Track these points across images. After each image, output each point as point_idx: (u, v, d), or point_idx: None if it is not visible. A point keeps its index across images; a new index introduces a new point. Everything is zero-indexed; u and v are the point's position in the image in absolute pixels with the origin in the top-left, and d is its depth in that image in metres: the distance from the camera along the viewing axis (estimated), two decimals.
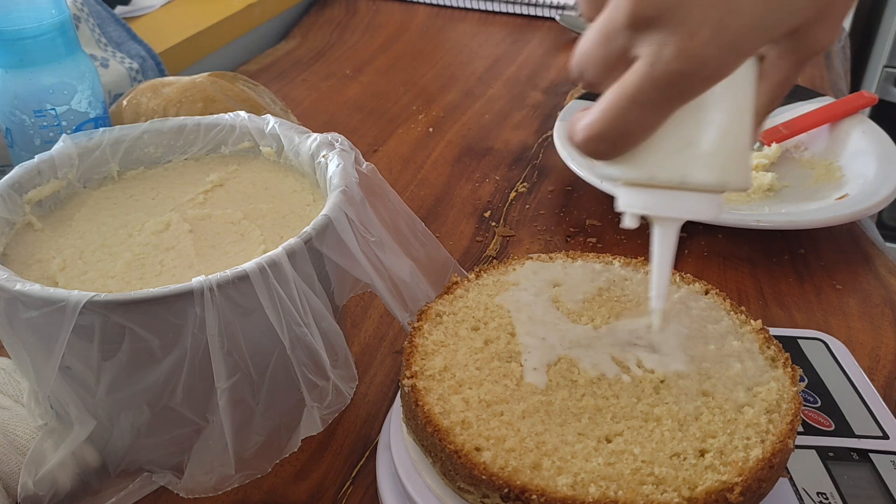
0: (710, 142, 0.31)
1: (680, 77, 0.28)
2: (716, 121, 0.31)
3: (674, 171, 0.32)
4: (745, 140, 0.32)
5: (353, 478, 0.45)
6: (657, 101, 0.29)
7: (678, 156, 0.31)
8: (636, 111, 0.30)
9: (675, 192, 0.32)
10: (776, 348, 0.40)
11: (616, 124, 0.31)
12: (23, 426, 0.42)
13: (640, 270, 0.46)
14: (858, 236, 0.67)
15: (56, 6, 0.57)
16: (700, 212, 0.33)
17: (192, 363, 0.38)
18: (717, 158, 0.32)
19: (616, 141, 0.31)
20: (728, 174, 0.32)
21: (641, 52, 0.29)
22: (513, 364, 0.39)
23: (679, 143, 0.31)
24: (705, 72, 0.29)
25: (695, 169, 0.32)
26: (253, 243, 0.45)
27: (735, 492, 0.32)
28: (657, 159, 0.32)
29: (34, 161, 0.48)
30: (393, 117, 0.89)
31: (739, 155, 0.32)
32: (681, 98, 0.30)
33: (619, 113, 0.30)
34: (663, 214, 0.34)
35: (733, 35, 0.28)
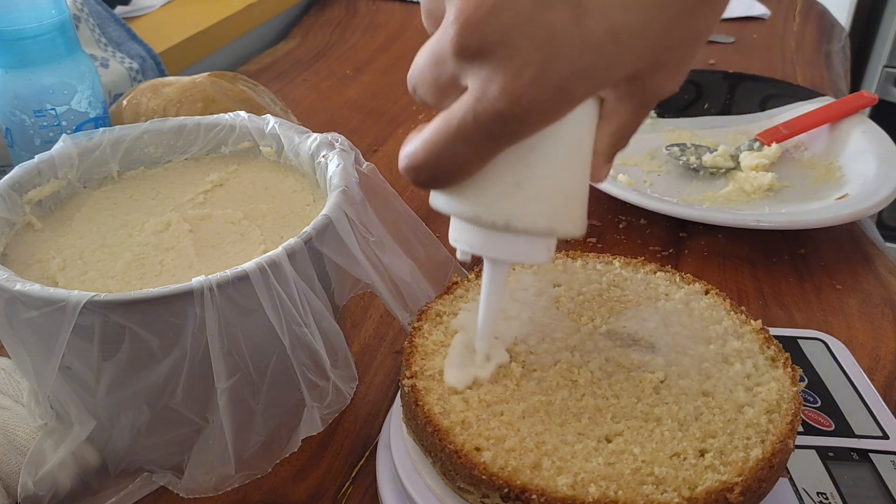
0: (540, 185, 0.30)
1: (504, 117, 0.27)
2: (546, 164, 0.29)
3: (499, 213, 0.30)
4: (577, 184, 0.31)
5: (353, 478, 0.45)
6: (481, 139, 0.28)
7: (505, 197, 0.30)
8: (460, 147, 0.28)
9: (501, 234, 0.31)
10: (776, 348, 0.40)
11: (438, 157, 0.29)
12: (23, 426, 0.42)
13: (640, 270, 0.46)
14: (858, 236, 0.67)
15: (56, 6, 0.57)
16: (528, 256, 0.32)
17: (192, 363, 0.38)
18: (546, 203, 0.30)
19: (437, 175, 0.30)
20: (557, 220, 0.30)
21: (469, 83, 0.28)
22: (513, 364, 0.39)
23: (506, 185, 0.30)
24: (530, 115, 0.27)
25: (522, 213, 0.30)
26: (253, 243, 0.45)
27: (735, 492, 0.32)
28: (483, 199, 0.30)
29: (34, 161, 0.48)
30: (393, 117, 0.89)
31: (571, 199, 0.31)
32: (507, 138, 0.28)
33: (442, 146, 0.29)
34: (488, 255, 0.32)
35: (558, 80, 0.27)
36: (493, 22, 0.26)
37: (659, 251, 0.64)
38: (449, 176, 0.30)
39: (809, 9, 1.24)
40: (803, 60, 1.05)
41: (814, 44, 1.11)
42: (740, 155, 0.75)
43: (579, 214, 0.31)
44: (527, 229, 0.30)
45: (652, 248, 0.64)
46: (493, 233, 0.31)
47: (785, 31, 1.15)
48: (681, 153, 0.76)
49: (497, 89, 0.27)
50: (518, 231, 0.30)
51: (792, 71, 1.02)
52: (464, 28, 0.27)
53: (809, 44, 1.11)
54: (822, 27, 1.18)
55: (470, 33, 0.27)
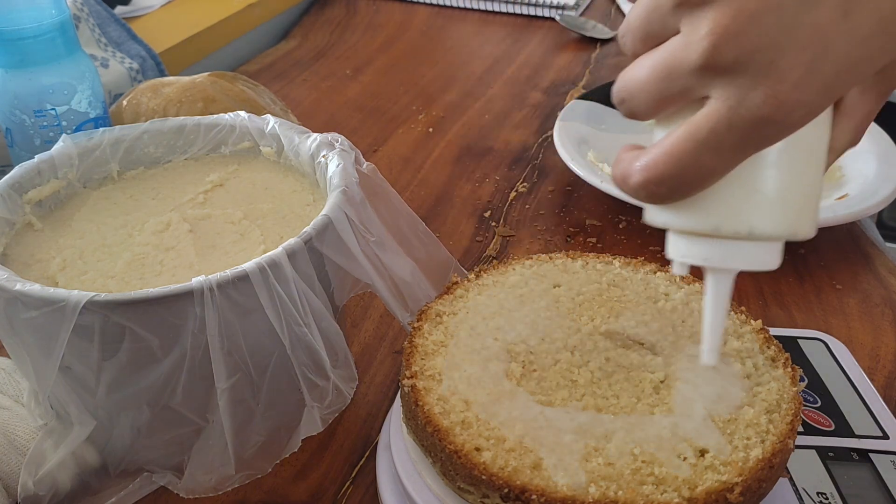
0: (781, 190, 0.29)
1: (764, 123, 0.26)
2: (787, 166, 0.29)
3: (740, 222, 0.29)
4: (815, 186, 0.30)
5: (353, 478, 0.45)
6: (732, 146, 0.27)
7: (744, 205, 0.29)
8: (707, 156, 0.28)
9: (737, 243, 0.30)
10: (776, 348, 0.40)
11: (682, 168, 0.28)
12: (23, 426, 0.42)
13: (640, 270, 0.46)
14: (858, 236, 0.67)
15: (56, 6, 0.57)
16: (761, 262, 0.31)
17: (192, 363, 0.38)
18: (786, 207, 0.29)
19: (679, 186, 0.29)
20: (797, 223, 0.30)
21: (717, 94, 0.27)
22: (513, 364, 0.39)
23: (747, 191, 0.29)
24: (793, 117, 0.27)
25: (763, 219, 0.29)
26: (253, 243, 0.45)
27: (735, 492, 0.32)
28: (723, 209, 0.29)
29: (34, 161, 0.48)
30: (393, 117, 0.89)
31: (810, 201, 0.30)
32: (759, 144, 0.28)
33: (686, 156, 0.28)
34: (723, 266, 0.31)
35: (826, 78, 0.26)
36: (755, 30, 0.26)
37: (659, 251, 0.64)
38: (691, 187, 0.29)
39: None
40: None
41: None
42: None
43: (815, 215, 0.31)
44: (770, 235, 0.30)
45: (652, 248, 0.64)
46: (724, 242, 0.30)
47: None
48: None
49: (760, 97, 0.26)
50: (761, 238, 0.30)
51: None
52: (721, 40, 0.26)
53: None
54: None
55: (728, 45, 0.26)
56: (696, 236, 0.31)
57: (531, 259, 0.47)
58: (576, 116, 0.77)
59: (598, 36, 1.09)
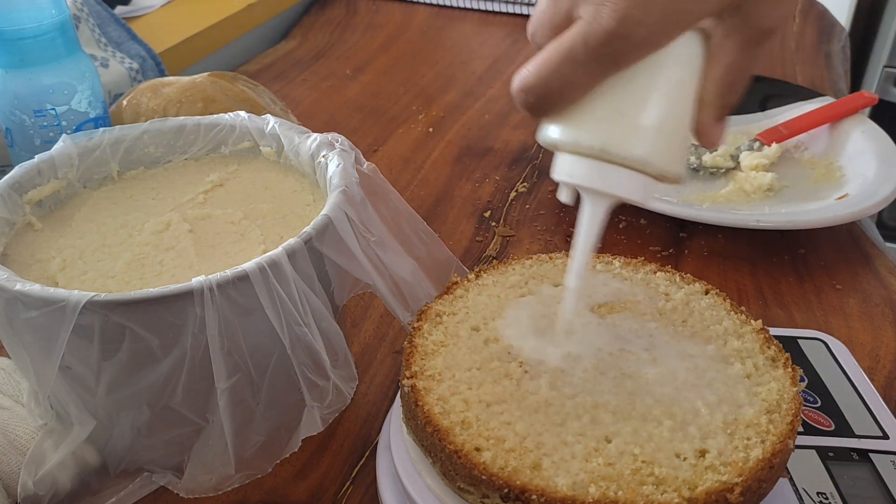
0: (638, 115, 0.30)
1: (612, 37, 0.29)
2: (647, 94, 0.30)
3: (597, 139, 0.31)
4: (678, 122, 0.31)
5: (353, 478, 0.45)
6: (590, 60, 0.30)
7: (605, 123, 0.31)
8: (568, 68, 0.30)
9: (601, 164, 0.31)
10: (776, 348, 0.40)
11: (548, 79, 0.31)
12: (23, 426, 0.42)
13: (640, 270, 0.46)
14: (858, 236, 0.67)
15: (56, 6, 0.57)
16: (624, 190, 0.32)
17: (192, 363, 0.38)
18: (644, 132, 0.31)
19: (546, 96, 0.31)
20: (654, 152, 0.31)
21: (581, 11, 0.30)
22: (513, 364, 0.39)
23: (607, 111, 0.31)
24: (637, 35, 0.29)
25: (619, 140, 0.31)
26: (253, 243, 0.45)
27: (735, 492, 0.32)
28: (584, 125, 0.31)
29: (34, 161, 0.48)
30: (393, 117, 0.89)
31: (669, 135, 0.31)
32: (613, 61, 0.30)
33: (551, 68, 0.30)
34: (585, 185, 0.33)
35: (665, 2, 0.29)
36: None
37: (659, 251, 0.64)
38: (556, 98, 0.31)
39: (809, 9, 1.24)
40: (803, 60, 1.05)
41: (814, 44, 1.11)
42: (740, 155, 0.75)
43: (676, 154, 0.32)
44: (622, 157, 0.31)
45: (652, 248, 0.64)
46: (592, 163, 0.32)
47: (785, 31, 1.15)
48: None
49: (608, 11, 0.29)
50: (613, 158, 0.31)
51: (792, 71, 1.02)
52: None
53: (809, 44, 1.11)
54: (822, 27, 1.18)
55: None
56: (568, 154, 0.32)
57: (531, 259, 0.47)
58: None
59: None
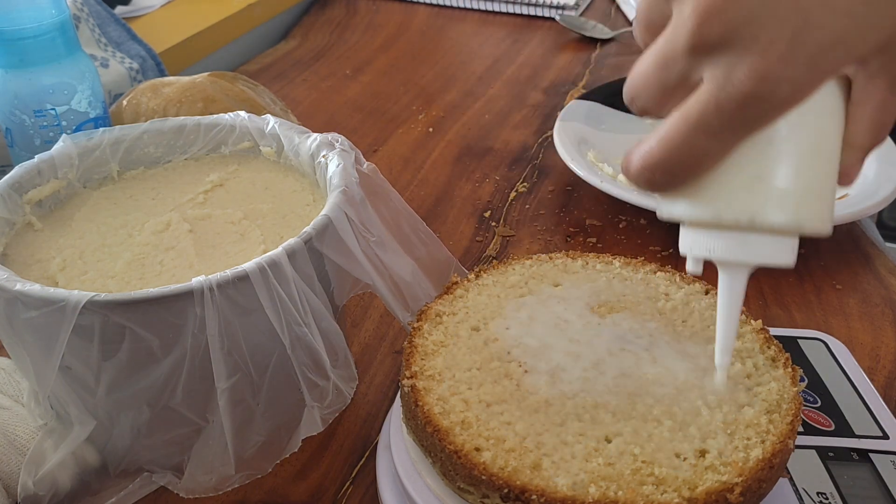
0: (784, 177, 0.28)
1: (751, 99, 0.26)
2: (791, 153, 0.28)
3: (741, 210, 0.29)
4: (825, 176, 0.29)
5: (353, 478, 0.45)
6: (724, 127, 0.27)
7: (747, 192, 0.28)
8: (700, 139, 0.27)
9: (743, 234, 0.29)
10: (776, 348, 0.40)
11: (677, 153, 0.28)
12: (23, 426, 0.42)
13: (640, 270, 0.46)
14: (858, 236, 0.67)
15: (56, 6, 0.57)
16: (772, 257, 0.30)
17: (192, 363, 0.38)
18: (791, 196, 0.28)
19: (676, 172, 0.28)
20: (804, 214, 0.29)
21: (707, 75, 0.27)
22: (513, 364, 0.39)
23: (748, 179, 0.28)
24: (780, 93, 0.26)
25: (766, 207, 0.28)
26: (253, 243, 0.45)
27: (735, 492, 0.32)
28: (723, 196, 0.29)
29: (34, 161, 0.48)
30: (393, 117, 0.89)
31: (818, 193, 0.29)
32: (751, 125, 0.27)
33: (680, 140, 0.28)
34: (729, 259, 0.30)
35: (811, 51, 0.25)
36: (735, 5, 0.25)
37: (659, 251, 0.64)
38: (688, 172, 0.29)
39: None
40: None
41: None
42: None
43: (826, 210, 0.29)
44: (772, 225, 0.29)
45: (652, 248, 0.64)
46: (733, 234, 0.30)
47: None
48: None
49: (744, 71, 0.26)
50: (762, 228, 0.29)
51: None
52: (703, 18, 0.26)
53: None
54: None
55: (711, 22, 0.26)
56: (702, 228, 0.30)
57: (531, 259, 0.47)
58: (576, 116, 0.77)
59: (598, 36, 1.09)
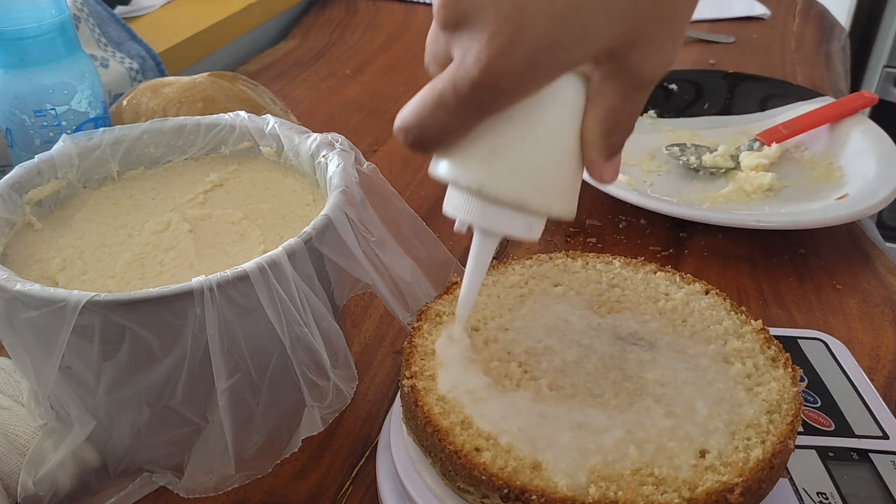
0: (513, 156, 0.30)
1: (479, 86, 0.28)
2: (522, 136, 0.30)
3: (473, 179, 0.31)
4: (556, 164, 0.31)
5: (353, 478, 0.45)
6: (459, 107, 0.29)
7: (480, 163, 0.31)
8: (440, 114, 0.30)
9: (483, 202, 0.31)
10: (776, 348, 0.40)
11: (423, 122, 0.31)
12: (23, 426, 0.42)
13: (640, 270, 0.46)
14: (858, 236, 0.67)
15: (56, 6, 0.57)
16: (508, 228, 0.32)
17: (192, 363, 0.38)
18: (518, 175, 0.31)
19: (423, 138, 0.31)
20: (530, 194, 0.31)
21: (454, 54, 0.29)
22: (512, 364, 0.39)
23: (483, 151, 0.31)
24: (502, 85, 0.28)
25: (494, 180, 0.31)
26: (253, 243, 0.44)
27: (735, 492, 0.32)
28: (462, 164, 0.31)
29: (34, 161, 0.48)
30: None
31: (547, 177, 0.31)
32: (482, 109, 0.29)
33: (425, 112, 0.30)
34: (467, 220, 0.33)
35: (529, 52, 0.28)
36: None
37: (659, 251, 0.64)
38: (433, 140, 0.31)
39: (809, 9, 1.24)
40: (803, 60, 1.05)
41: (814, 44, 1.11)
42: (740, 155, 0.75)
43: (555, 195, 0.31)
44: (497, 197, 0.31)
45: (652, 248, 0.64)
46: (475, 200, 0.32)
47: (785, 31, 1.15)
48: (681, 153, 0.76)
49: (472, 58, 0.28)
50: (489, 198, 0.31)
51: (792, 71, 1.02)
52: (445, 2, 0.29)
53: (809, 44, 1.11)
54: (822, 27, 1.18)
55: (450, 6, 0.29)
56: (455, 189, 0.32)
57: (531, 259, 0.47)
58: None
59: None
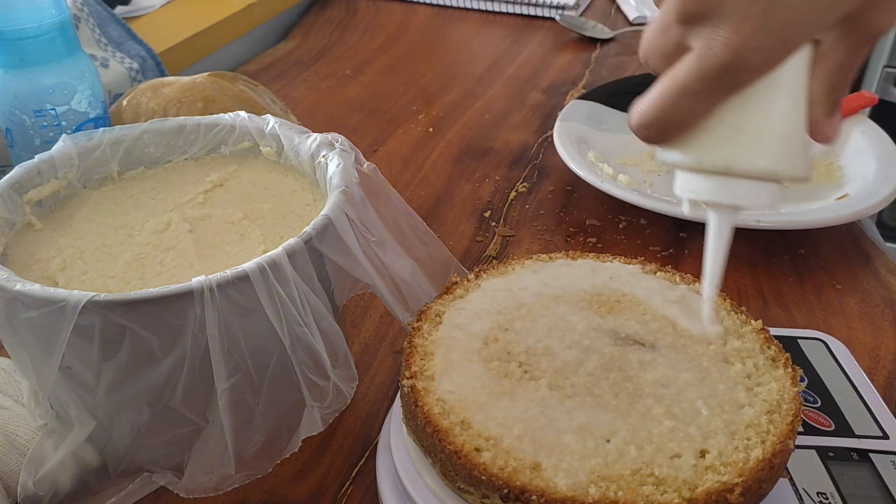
0: (757, 128, 0.32)
1: (727, 69, 0.30)
2: (763, 108, 0.32)
3: (720, 157, 0.32)
4: (794, 127, 0.33)
5: (353, 478, 0.45)
6: (705, 91, 0.31)
7: (725, 142, 0.32)
8: (685, 101, 0.31)
9: (726, 179, 0.33)
10: (776, 348, 0.40)
11: (665, 112, 0.32)
12: (23, 426, 0.42)
13: (640, 270, 0.46)
14: (858, 236, 0.67)
15: (56, 6, 0.57)
16: (751, 199, 0.33)
17: (192, 363, 0.38)
18: (764, 145, 0.32)
19: (665, 128, 0.33)
20: (776, 161, 0.32)
21: (693, 43, 0.31)
22: (512, 364, 0.39)
23: (727, 131, 0.32)
24: (752, 64, 0.30)
25: (741, 155, 0.32)
26: (253, 243, 0.44)
27: (735, 492, 0.32)
28: (705, 145, 0.33)
29: (34, 161, 0.48)
30: (393, 117, 0.89)
31: (789, 142, 0.32)
32: (728, 89, 0.31)
33: (668, 102, 0.32)
34: (711, 200, 0.34)
35: (779, 27, 0.29)
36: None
37: (659, 251, 0.64)
38: (675, 128, 0.33)
39: None
40: None
41: None
42: None
43: (799, 158, 0.33)
44: (746, 170, 0.32)
45: (652, 248, 0.64)
46: (717, 179, 0.33)
47: None
48: None
49: (720, 44, 0.29)
50: (739, 173, 0.32)
51: None
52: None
53: None
54: None
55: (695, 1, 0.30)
56: (690, 173, 0.34)
57: (531, 259, 0.47)
58: (576, 116, 0.77)
59: (598, 36, 1.09)
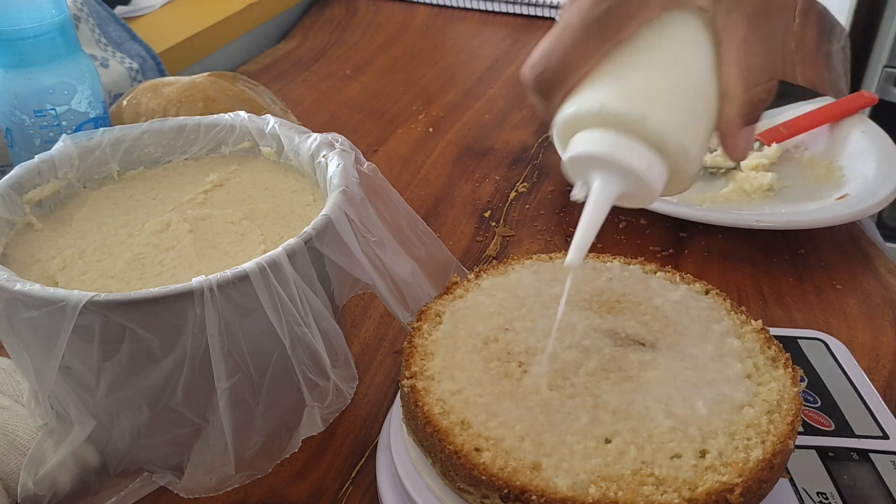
0: (635, 77, 0.33)
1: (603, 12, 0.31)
2: (644, 60, 0.33)
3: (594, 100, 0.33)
4: (676, 87, 0.33)
5: (353, 478, 0.45)
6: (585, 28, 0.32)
7: (604, 88, 0.33)
8: (567, 37, 0.33)
9: (618, 135, 0.33)
10: (776, 348, 0.40)
11: (551, 53, 0.33)
12: (23, 426, 0.42)
13: (640, 270, 0.46)
14: (858, 236, 0.67)
15: (56, 6, 0.57)
16: (628, 157, 0.33)
17: (192, 363, 0.38)
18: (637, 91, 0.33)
19: (550, 69, 0.34)
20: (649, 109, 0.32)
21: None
22: (512, 364, 0.39)
23: (607, 78, 0.33)
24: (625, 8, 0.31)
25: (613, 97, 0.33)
26: (253, 243, 0.44)
27: (735, 493, 0.32)
28: (586, 93, 0.34)
29: (34, 161, 0.48)
30: (393, 117, 0.89)
31: (669, 100, 0.33)
32: (608, 34, 0.32)
33: (552, 41, 0.33)
34: (588, 150, 0.34)
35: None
36: None
37: (659, 251, 0.64)
38: (560, 71, 0.34)
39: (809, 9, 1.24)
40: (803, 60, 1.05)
41: (814, 44, 1.11)
42: None
43: (679, 123, 0.33)
44: (618, 112, 0.33)
45: (652, 248, 0.64)
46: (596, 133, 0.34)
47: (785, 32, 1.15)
48: None
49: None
50: (610, 115, 0.33)
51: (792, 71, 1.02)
52: None
53: (809, 44, 1.11)
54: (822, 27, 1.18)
55: None
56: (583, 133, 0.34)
57: (531, 259, 0.47)
58: None
59: None
